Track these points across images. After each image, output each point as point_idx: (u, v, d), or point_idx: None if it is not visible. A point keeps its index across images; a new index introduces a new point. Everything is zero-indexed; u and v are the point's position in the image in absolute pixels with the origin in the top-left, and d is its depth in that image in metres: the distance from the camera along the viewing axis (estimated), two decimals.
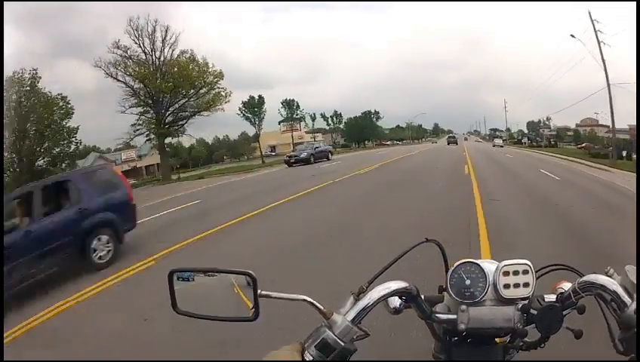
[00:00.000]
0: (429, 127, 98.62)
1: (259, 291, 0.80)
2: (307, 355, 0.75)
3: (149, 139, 32.44)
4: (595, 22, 26.01)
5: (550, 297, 0.86)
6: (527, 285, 0.82)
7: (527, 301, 0.81)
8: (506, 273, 0.82)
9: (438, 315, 0.85)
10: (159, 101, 30.40)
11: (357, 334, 0.77)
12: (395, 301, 0.86)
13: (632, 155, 28.18)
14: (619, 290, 0.78)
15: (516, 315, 0.81)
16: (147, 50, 30.39)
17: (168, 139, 32.79)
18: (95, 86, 43.90)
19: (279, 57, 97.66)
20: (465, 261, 0.85)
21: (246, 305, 0.81)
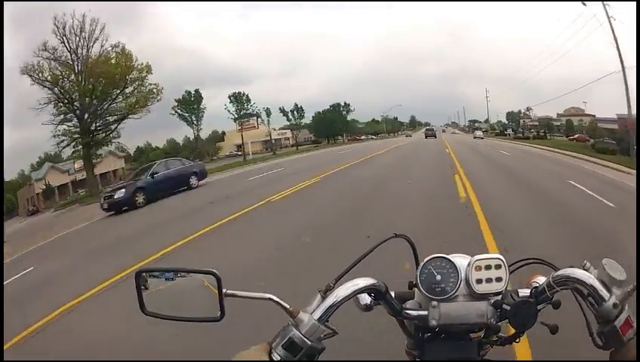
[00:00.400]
0: (406, 120, 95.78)
1: (224, 290, 0.80)
2: (275, 355, 0.75)
3: (76, 150, 29.69)
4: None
5: (524, 292, 0.85)
6: (499, 280, 0.82)
7: (500, 296, 0.81)
8: (479, 268, 0.82)
9: (409, 312, 0.85)
10: (84, 106, 27.62)
11: (324, 332, 0.77)
12: (366, 297, 0.85)
13: None
14: (596, 284, 0.79)
15: (489, 310, 0.81)
16: (72, 48, 27.41)
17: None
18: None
19: (258, 52, 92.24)
20: (435, 256, 0.85)
21: (215, 306, 0.81)
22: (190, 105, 39.43)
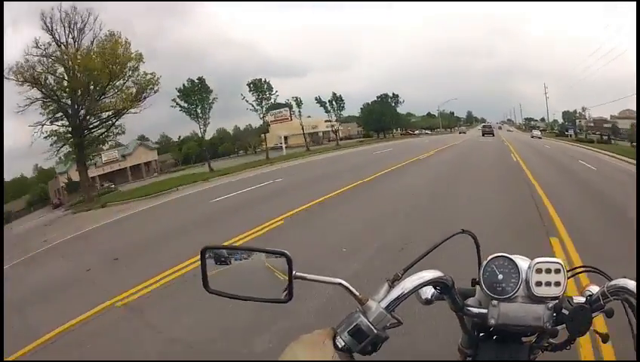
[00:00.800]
0: (463, 115, 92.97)
1: (294, 272, 0.80)
2: (339, 340, 0.75)
3: (70, 151, 26.78)
4: None
5: (579, 299, 0.86)
6: (558, 284, 0.82)
7: (556, 300, 0.82)
8: (539, 270, 0.83)
9: (470, 308, 0.86)
10: (75, 102, 25.36)
11: (390, 322, 0.78)
12: (427, 291, 0.88)
13: None
14: None
15: (546, 314, 0.82)
16: (62, 41, 25.18)
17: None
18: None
19: (310, 45, 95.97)
20: (498, 255, 0.86)
21: (279, 287, 0.81)
22: (192, 95, 32.68)
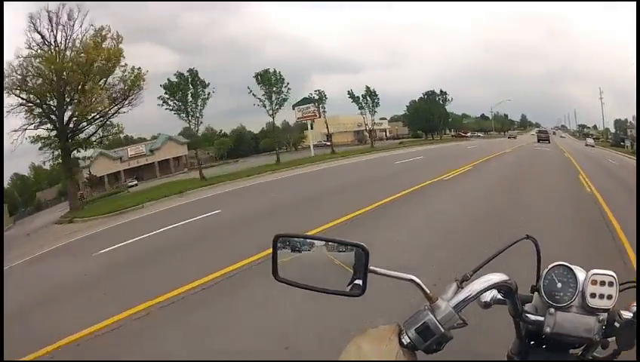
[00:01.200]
0: (517, 118, 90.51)
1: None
2: (405, 337, 0.76)
3: (56, 155, 25.43)
4: None
5: (626, 313, 0.87)
6: (610, 297, 0.83)
7: (607, 313, 0.84)
8: (594, 282, 0.84)
9: (528, 315, 0.89)
10: (60, 104, 24.16)
11: (457, 322, 0.78)
12: (487, 295, 0.90)
13: None
14: None
15: (596, 326, 0.84)
16: (50, 40, 24.05)
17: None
18: None
19: (364, 42, 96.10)
20: (558, 263, 0.88)
21: (346, 279, 0.82)
22: (177, 92, 28.33)
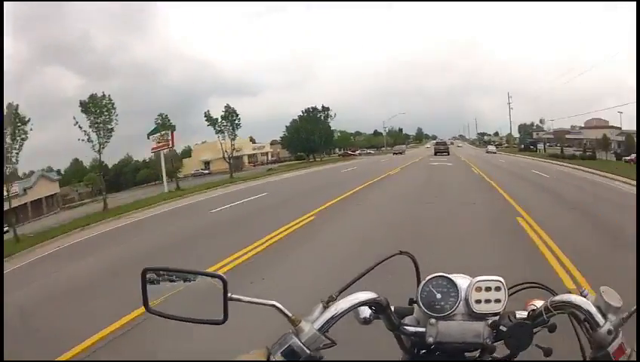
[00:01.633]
0: (413, 132, 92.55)
1: (229, 294, 0.84)
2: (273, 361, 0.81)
3: None
4: None
5: (522, 314, 0.89)
6: (498, 301, 0.86)
7: (497, 317, 0.87)
8: (479, 289, 0.86)
9: (407, 327, 0.90)
10: None
11: (323, 343, 0.81)
12: (365, 311, 0.91)
13: None
14: (592, 310, 0.83)
15: (486, 331, 0.86)
16: None
17: None
18: None
19: (264, 64, 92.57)
20: (437, 275, 0.90)
21: (218, 308, 0.85)
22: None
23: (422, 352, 0.89)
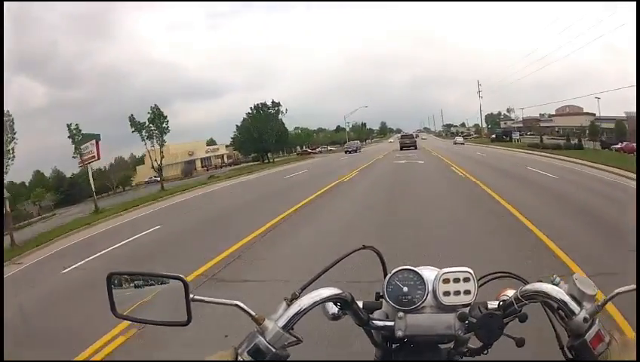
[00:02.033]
0: (376, 126, 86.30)
1: (191, 296, 0.84)
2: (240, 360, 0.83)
3: None
4: None
5: (493, 304, 0.89)
6: (468, 292, 0.86)
7: (467, 308, 0.87)
8: (446, 280, 0.87)
9: (375, 322, 0.90)
10: None
11: (288, 340, 0.82)
12: (333, 307, 0.90)
13: None
14: (566, 299, 0.82)
15: (457, 322, 0.86)
16: None
17: None
18: None
19: (228, 65, 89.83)
20: (402, 268, 0.90)
21: (175, 309, 0.85)
22: None
23: (394, 346, 0.90)
